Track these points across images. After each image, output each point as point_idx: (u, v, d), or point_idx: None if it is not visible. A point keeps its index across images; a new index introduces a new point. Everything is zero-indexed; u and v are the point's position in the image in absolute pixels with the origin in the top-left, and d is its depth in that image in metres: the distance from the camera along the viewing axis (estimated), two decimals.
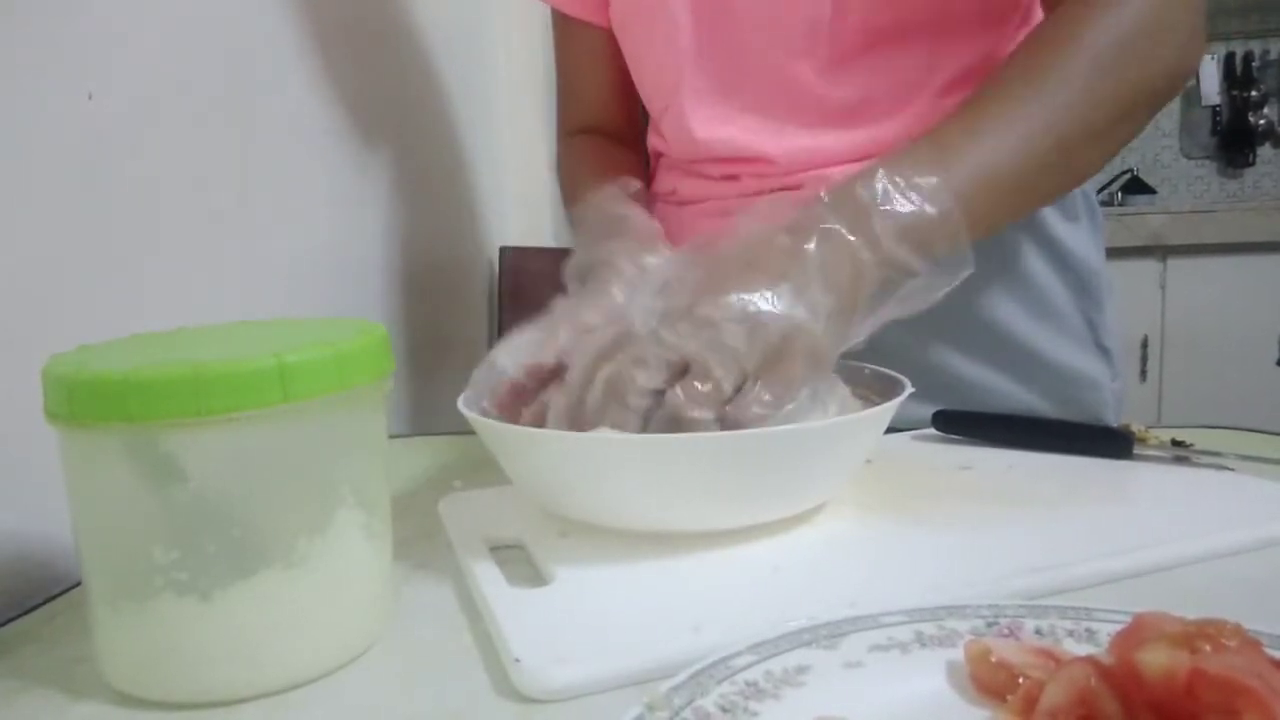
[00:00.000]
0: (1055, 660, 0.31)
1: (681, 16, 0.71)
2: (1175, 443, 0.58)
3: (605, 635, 0.38)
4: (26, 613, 0.45)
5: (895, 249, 0.49)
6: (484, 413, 0.50)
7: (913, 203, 0.50)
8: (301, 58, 0.86)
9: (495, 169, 1.49)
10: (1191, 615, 0.30)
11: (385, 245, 1.04)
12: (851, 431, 0.46)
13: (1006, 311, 0.73)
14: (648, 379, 0.44)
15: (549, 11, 0.86)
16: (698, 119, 0.72)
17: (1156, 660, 0.27)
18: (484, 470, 0.60)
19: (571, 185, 0.81)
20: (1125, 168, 2.91)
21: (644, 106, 0.82)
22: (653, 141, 0.82)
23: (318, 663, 0.37)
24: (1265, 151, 2.87)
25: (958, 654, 0.33)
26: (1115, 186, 2.87)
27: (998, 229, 0.56)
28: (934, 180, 0.50)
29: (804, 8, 0.67)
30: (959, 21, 0.68)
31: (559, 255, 0.64)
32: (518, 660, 0.35)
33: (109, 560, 0.35)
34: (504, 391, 0.50)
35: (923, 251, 0.49)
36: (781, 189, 0.71)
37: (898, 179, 0.50)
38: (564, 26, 0.85)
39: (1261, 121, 2.84)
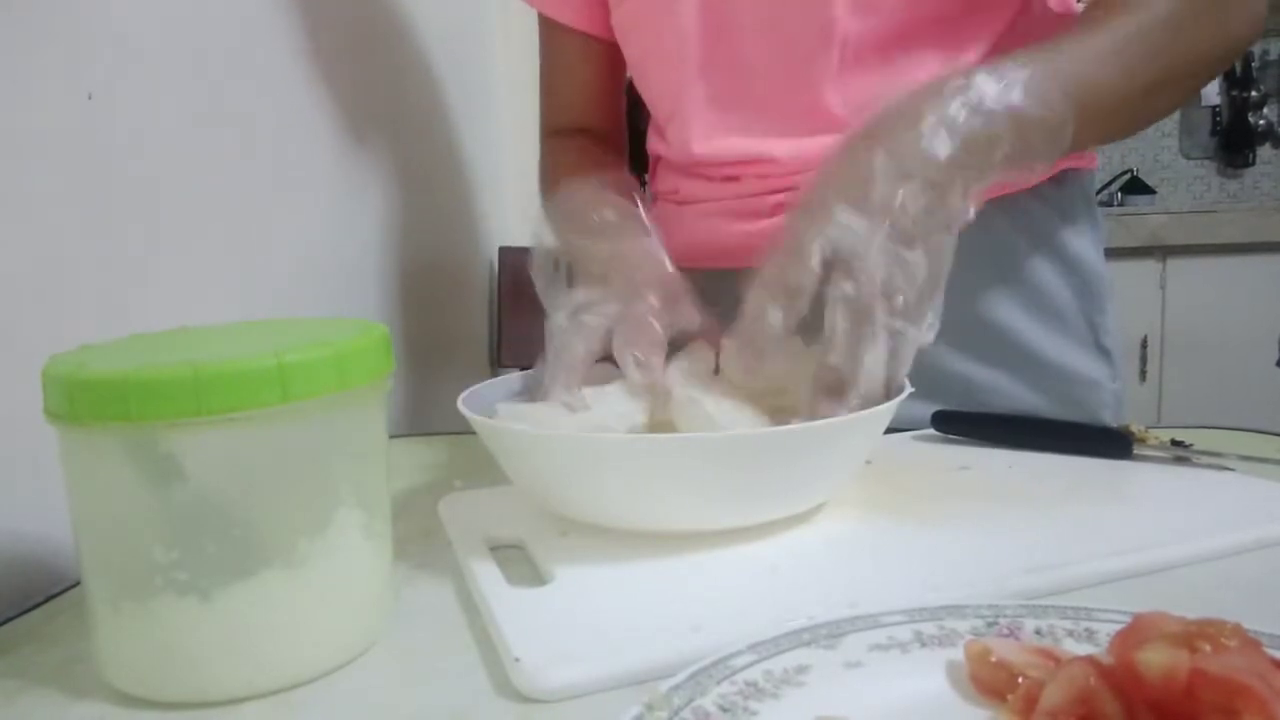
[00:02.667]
0: (1055, 660, 0.31)
1: (689, 27, 0.71)
2: (1175, 443, 0.58)
3: (605, 635, 0.38)
4: (26, 612, 0.45)
5: (1015, 151, 0.50)
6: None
7: (1034, 106, 0.50)
8: (301, 58, 0.86)
9: (495, 169, 1.49)
10: (1191, 615, 0.30)
11: (385, 245, 1.04)
12: (851, 431, 0.46)
13: (1009, 312, 0.73)
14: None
15: None
16: (698, 131, 0.72)
17: (1156, 660, 0.27)
18: (484, 470, 0.60)
19: (550, 181, 0.80)
20: (1125, 168, 2.91)
21: (643, 109, 0.82)
22: (654, 144, 0.82)
23: (318, 663, 0.37)
24: (1265, 152, 2.87)
25: (958, 654, 0.33)
26: (1115, 187, 2.87)
27: (1080, 143, 0.56)
28: (1058, 91, 0.51)
29: (814, 14, 0.66)
30: (972, 15, 0.68)
31: None
32: (518, 660, 0.35)
33: (109, 560, 0.35)
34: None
35: (1030, 153, 0.51)
36: (784, 189, 0.71)
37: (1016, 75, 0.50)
38: (549, 29, 0.84)
39: (1261, 122, 2.85)
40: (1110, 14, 0.58)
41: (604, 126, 0.85)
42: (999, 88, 0.50)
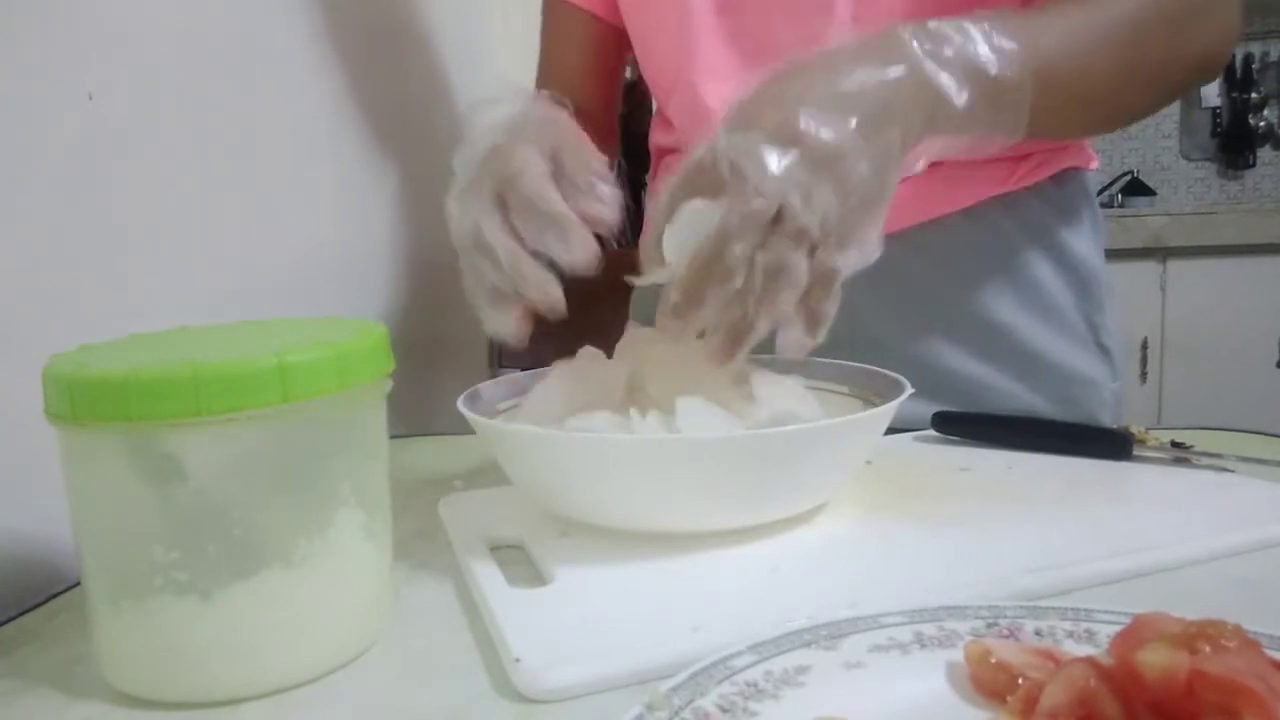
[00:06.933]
0: (1055, 661, 0.31)
1: (694, 2, 0.71)
2: (1175, 444, 0.58)
3: (605, 635, 0.38)
4: (26, 612, 0.45)
5: (971, 99, 0.48)
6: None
7: (992, 56, 0.49)
8: (302, 58, 0.86)
9: None
10: (1191, 616, 0.30)
11: (385, 245, 1.04)
12: (851, 431, 0.46)
13: (1008, 311, 0.73)
14: (755, 226, 0.44)
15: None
16: (709, 89, 0.72)
17: (1156, 661, 0.27)
18: (484, 470, 0.60)
19: None
20: (1125, 169, 2.91)
21: (642, 113, 0.82)
22: (657, 136, 0.82)
23: (318, 663, 0.37)
24: (1265, 153, 2.87)
25: (958, 655, 0.33)
26: (1115, 188, 2.87)
27: (1040, 131, 0.54)
28: (1014, 46, 0.50)
29: None
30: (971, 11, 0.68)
31: None
32: (518, 660, 0.35)
33: (109, 560, 0.35)
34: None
35: (992, 109, 0.49)
36: None
37: (984, 27, 0.50)
38: (550, 7, 0.85)
39: (1261, 124, 2.85)
40: (1079, 5, 0.57)
41: (592, 106, 0.85)
42: (959, 40, 0.49)
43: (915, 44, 0.48)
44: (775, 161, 0.44)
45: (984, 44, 0.49)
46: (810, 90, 0.46)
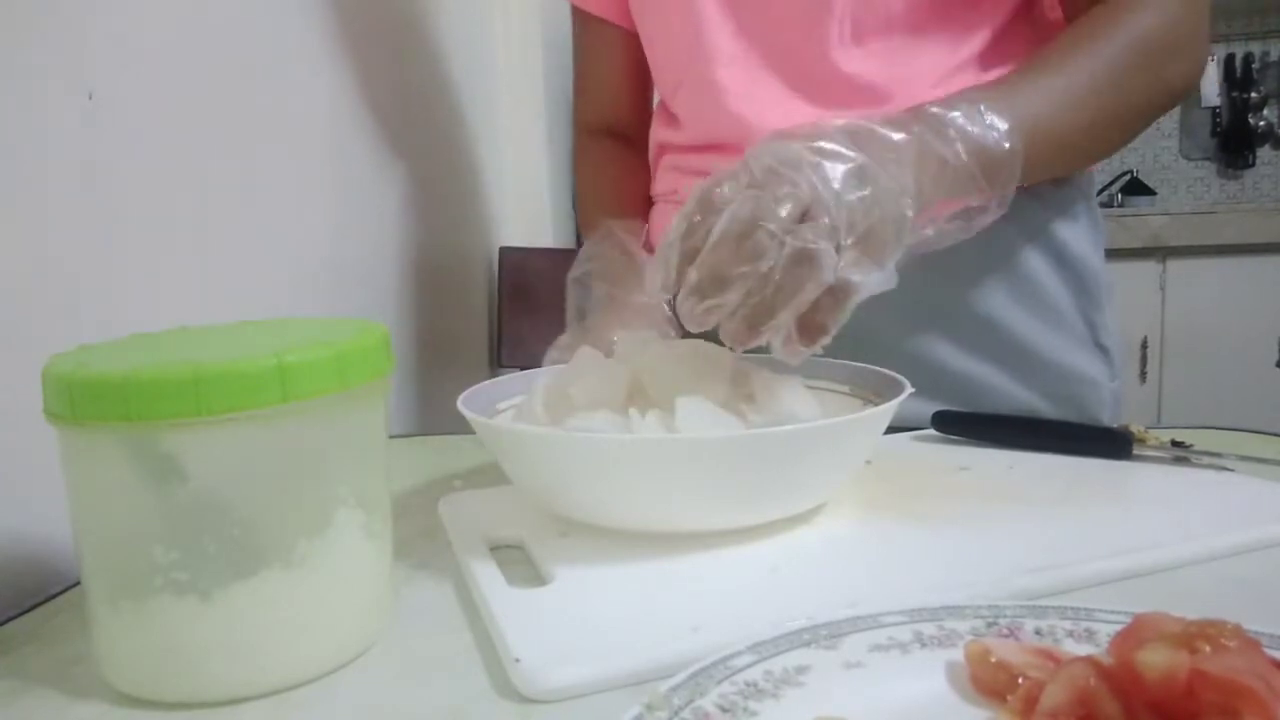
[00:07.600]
0: (1055, 661, 0.31)
1: None
2: (1175, 443, 0.58)
3: (605, 635, 0.38)
4: (26, 612, 0.45)
5: (970, 165, 0.52)
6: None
7: (987, 132, 0.53)
8: (302, 59, 0.86)
9: (496, 170, 1.49)
10: (1191, 615, 0.30)
11: (386, 245, 1.04)
12: (851, 431, 0.46)
13: (1006, 309, 0.73)
14: (787, 212, 0.45)
15: (549, 14, 0.86)
16: (723, 73, 0.72)
17: (1156, 660, 0.27)
18: (484, 470, 0.60)
19: (589, 201, 0.86)
20: (1125, 169, 2.91)
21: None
22: (658, 134, 0.82)
23: (318, 663, 0.37)
24: (1265, 153, 2.88)
25: (958, 654, 0.33)
26: (1115, 188, 2.87)
27: (1028, 180, 0.58)
28: (1007, 121, 0.54)
29: None
30: (972, 8, 0.68)
31: (559, 255, 0.65)
32: (518, 660, 0.35)
33: (109, 560, 0.35)
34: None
35: (987, 178, 0.53)
36: None
37: (979, 107, 0.54)
38: (582, 23, 0.87)
39: (1261, 123, 2.85)
40: (1060, 55, 0.61)
41: (629, 119, 0.88)
42: (957, 118, 0.53)
43: (916, 125, 0.52)
44: (809, 160, 0.46)
45: (978, 124, 0.54)
46: (831, 129, 0.49)
